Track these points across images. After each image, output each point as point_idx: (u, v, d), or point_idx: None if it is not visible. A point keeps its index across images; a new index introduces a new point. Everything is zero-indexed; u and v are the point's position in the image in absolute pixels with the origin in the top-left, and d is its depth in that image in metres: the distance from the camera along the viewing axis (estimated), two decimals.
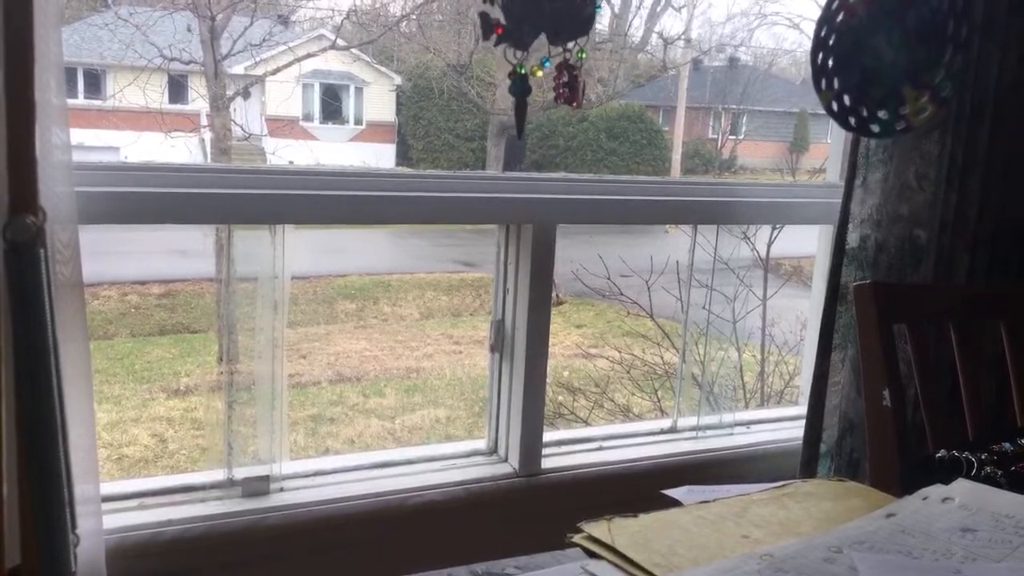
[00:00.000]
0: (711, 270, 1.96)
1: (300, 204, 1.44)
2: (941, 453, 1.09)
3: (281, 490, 1.54)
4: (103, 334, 6.12)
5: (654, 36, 8.42)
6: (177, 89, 7.35)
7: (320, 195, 1.46)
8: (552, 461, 1.74)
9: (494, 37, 1.26)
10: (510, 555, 0.78)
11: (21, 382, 1.04)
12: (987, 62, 1.59)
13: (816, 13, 1.53)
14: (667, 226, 5.01)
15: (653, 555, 0.74)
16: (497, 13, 1.27)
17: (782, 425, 2.01)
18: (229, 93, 6.56)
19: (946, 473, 0.94)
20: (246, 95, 6.88)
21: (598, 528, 0.79)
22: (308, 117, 9.70)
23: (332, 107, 9.88)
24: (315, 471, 1.61)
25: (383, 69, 9.61)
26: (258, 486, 1.52)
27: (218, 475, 1.53)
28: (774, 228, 3.60)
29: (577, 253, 4.60)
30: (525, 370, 1.66)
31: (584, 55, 1.34)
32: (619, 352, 4.92)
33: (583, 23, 1.32)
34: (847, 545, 0.73)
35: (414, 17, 7.71)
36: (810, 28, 1.56)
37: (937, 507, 0.79)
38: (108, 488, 1.44)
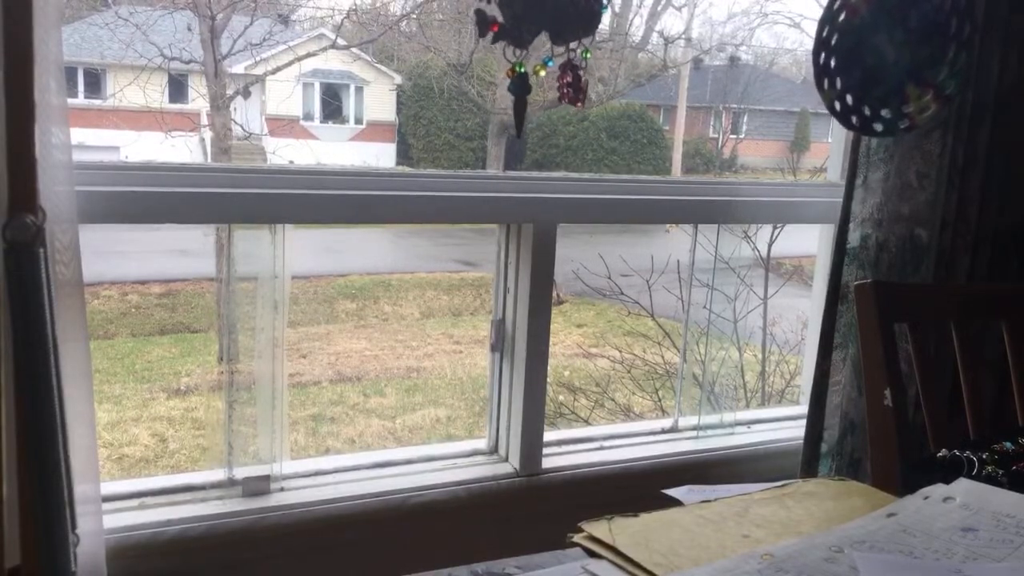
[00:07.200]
0: (712, 269, 1.96)
1: (300, 204, 1.44)
2: (942, 452, 1.09)
3: (281, 490, 1.54)
4: (103, 334, 6.12)
5: (655, 35, 8.41)
6: (177, 88, 7.35)
7: (320, 195, 1.46)
8: (553, 461, 1.74)
9: (491, 35, 1.25)
10: (510, 555, 0.78)
11: (21, 382, 1.04)
12: (988, 62, 1.59)
13: (817, 12, 1.53)
14: (668, 225, 5.02)
15: (654, 554, 0.74)
16: (494, 11, 1.26)
17: (783, 425, 2.01)
18: (229, 92, 6.56)
19: (947, 472, 0.94)
20: (246, 94, 6.88)
21: (599, 528, 0.79)
22: (308, 116, 9.70)
23: (332, 106, 9.88)
24: (315, 471, 1.61)
25: (383, 68, 9.60)
26: (258, 486, 1.52)
27: (218, 475, 1.53)
28: (775, 227, 3.60)
29: (578, 252, 4.60)
30: (526, 370, 1.66)
31: (589, 55, 1.34)
32: (620, 352, 4.92)
33: (587, 23, 1.31)
34: (848, 545, 0.73)
35: (414, 16, 7.70)
36: (811, 27, 1.56)
37: (938, 507, 0.79)
38: (108, 488, 1.44)
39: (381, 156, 10.00)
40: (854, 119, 1.54)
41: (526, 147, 10.24)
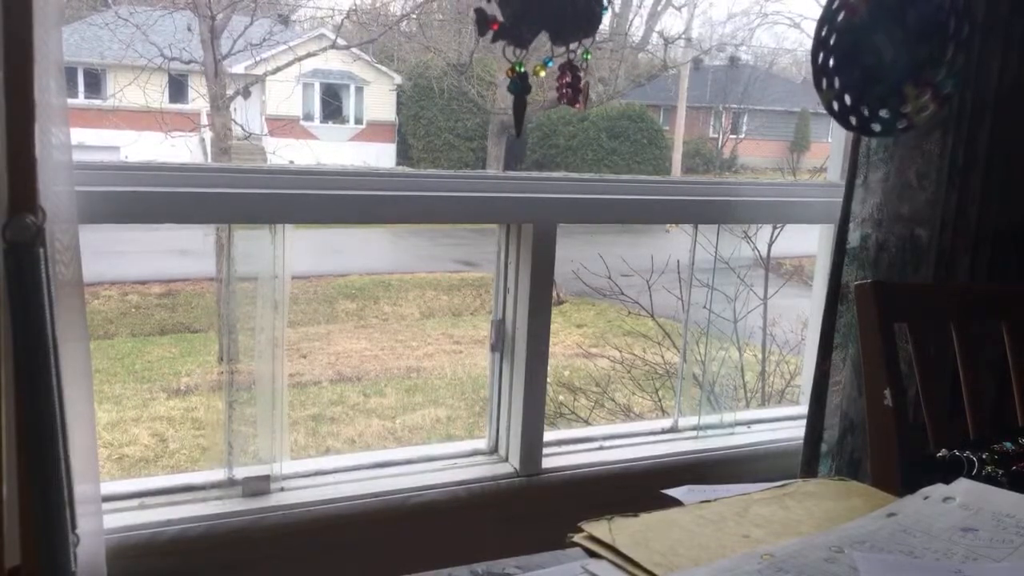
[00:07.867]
0: (712, 269, 1.96)
1: (300, 204, 1.44)
2: (942, 452, 1.09)
3: (281, 490, 1.54)
4: (103, 334, 6.13)
5: (655, 35, 8.42)
6: (177, 89, 7.36)
7: (320, 195, 1.46)
8: (553, 461, 1.74)
9: (491, 33, 1.25)
10: (510, 555, 0.78)
11: (21, 382, 1.04)
12: (988, 62, 1.59)
13: (817, 12, 1.53)
14: (668, 225, 5.02)
15: (653, 554, 0.74)
16: (494, 9, 1.25)
17: (783, 425, 2.01)
18: (229, 92, 6.56)
19: (947, 472, 0.94)
20: (246, 94, 6.88)
21: (599, 527, 0.79)
22: (308, 116, 9.71)
23: (332, 106, 9.89)
24: (315, 471, 1.61)
25: (383, 68, 9.61)
26: (258, 486, 1.52)
27: (218, 475, 1.53)
28: (775, 227, 3.60)
29: (578, 252, 4.60)
30: (526, 370, 1.66)
31: (589, 56, 1.33)
32: (620, 352, 4.92)
33: (587, 24, 1.31)
34: (848, 545, 0.73)
35: (414, 16, 7.71)
36: (811, 27, 1.56)
37: (938, 507, 0.79)
38: (108, 488, 1.44)
39: (381, 156, 10.01)
40: (852, 119, 1.54)
41: (526, 147, 10.25)
